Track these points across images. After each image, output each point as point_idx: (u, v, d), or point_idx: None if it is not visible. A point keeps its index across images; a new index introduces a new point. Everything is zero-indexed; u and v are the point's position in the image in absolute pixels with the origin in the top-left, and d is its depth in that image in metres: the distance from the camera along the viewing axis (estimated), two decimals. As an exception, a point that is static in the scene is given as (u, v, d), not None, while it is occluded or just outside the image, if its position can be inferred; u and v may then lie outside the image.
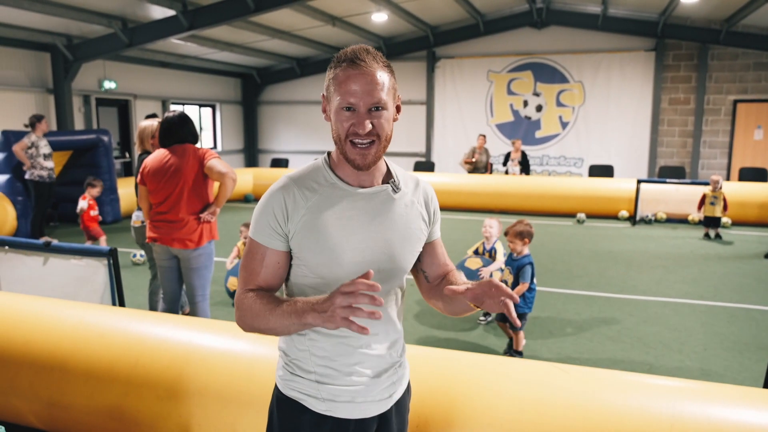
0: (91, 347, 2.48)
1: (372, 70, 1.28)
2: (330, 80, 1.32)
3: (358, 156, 1.30)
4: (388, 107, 1.31)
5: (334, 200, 1.35)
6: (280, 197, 1.34)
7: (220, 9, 8.77)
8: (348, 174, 1.37)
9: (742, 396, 1.91)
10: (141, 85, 12.14)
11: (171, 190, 3.40)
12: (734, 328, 4.39)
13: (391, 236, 1.37)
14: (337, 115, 1.31)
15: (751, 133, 11.79)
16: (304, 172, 1.39)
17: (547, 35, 12.70)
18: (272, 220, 1.34)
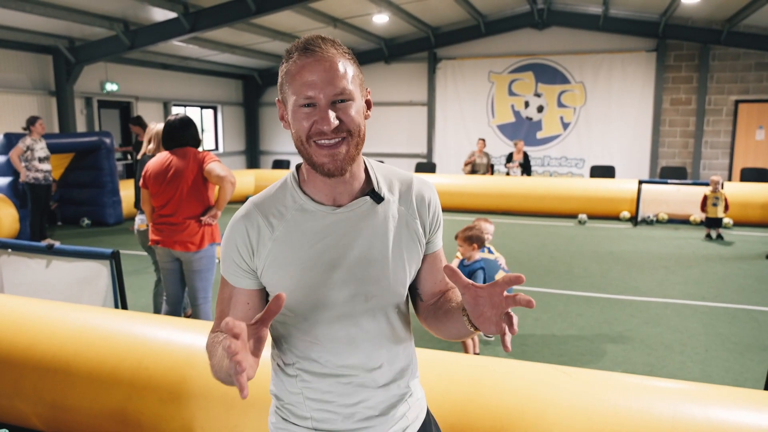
0: (94, 350, 2.49)
1: (330, 55, 1.08)
2: (282, 78, 1.12)
3: (327, 158, 1.08)
4: (356, 98, 1.09)
5: (305, 226, 1.14)
6: (242, 229, 1.15)
7: (222, 11, 8.80)
8: (320, 190, 1.15)
9: (744, 398, 1.92)
10: (143, 87, 12.17)
11: (172, 194, 3.41)
12: (736, 329, 4.39)
13: (377, 258, 1.16)
14: (294, 116, 1.09)
15: (752, 134, 11.79)
16: (269, 195, 1.19)
17: (548, 36, 12.70)
18: (236, 255, 1.15)
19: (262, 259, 1.14)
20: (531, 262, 6.55)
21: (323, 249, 1.14)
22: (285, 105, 1.14)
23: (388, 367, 1.21)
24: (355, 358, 1.18)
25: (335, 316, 1.16)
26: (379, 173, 1.22)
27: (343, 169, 1.10)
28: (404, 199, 1.21)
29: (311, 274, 1.13)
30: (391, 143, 14.25)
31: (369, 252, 1.15)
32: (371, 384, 1.19)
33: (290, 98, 1.10)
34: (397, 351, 1.22)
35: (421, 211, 1.22)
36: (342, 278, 1.14)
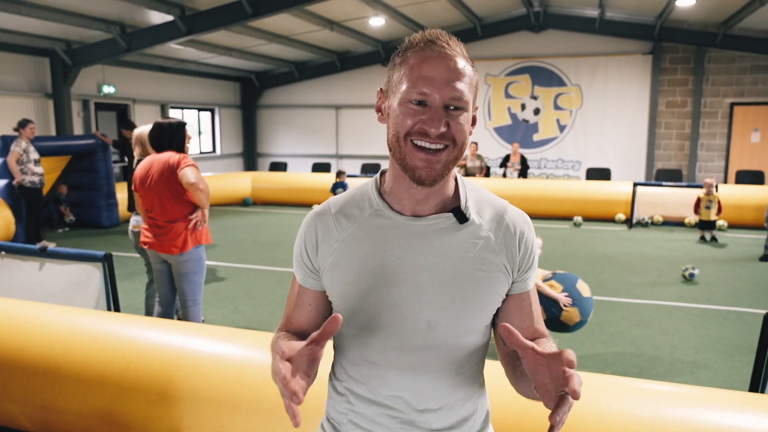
0: (83, 351, 2.51)
1: (455, 55, 0.98)
2: (395, 67, 1.02)
3: (423, 163, 0.98)
4: (469, 108, 1.00)
5: (375, 232, 1.05)
6: (312, 226, 1.10)
7: (218, 14, 8.82)
8: (401, 198, 1.05)
9: (730, 400, 1.94)
10: (140, 89, 12.19)
11: (154, 197, 3.45)
12: (726, 331, 4.41)
13: (447, 283, 1.03)
14: (399, 109, 0.99)
15: (748, 136, 11.83)
16: (348, 196, 1.12)
17: (544, 39, 12.74)
18: (303, 252, 1.11)
19: (324, 258, 1.08)
20: (525, 264, 6.56)
21: (389, 258, 1.03)
22: (387, 97, 1.04)
23: (445, 412, 1.07)
24: (406, 391, 1.06)
25: (392, 339, 1.05)
26: (470, 192, 1.09)
27: (436, 180, 1.00)
28: (493, 227, 1.07)
29: (371, 284, 1.03)
30: (388, 145, 14.25)
31: (441, 273, 1.03)
32: (423, 425, 1.07)
33: (399, 89, 0.99)
34: (460, 396, 1.08)
35: (510, 244, 1.06)
36: (404, 295, 1.03)
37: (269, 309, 4.97)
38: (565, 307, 3.51)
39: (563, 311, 3.53)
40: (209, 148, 14.82)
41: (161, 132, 3.44)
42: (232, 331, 2.52)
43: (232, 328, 2.59)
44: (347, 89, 14.56)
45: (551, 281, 3.64)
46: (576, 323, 3.56)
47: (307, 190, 11.58)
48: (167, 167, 3.40)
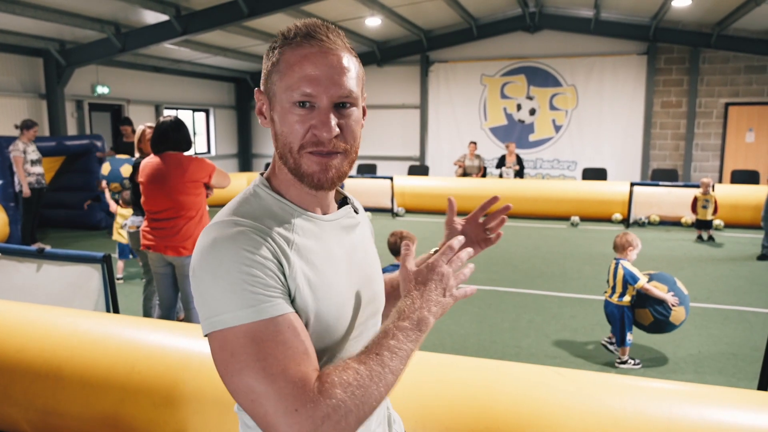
0: (86, 354, 2.47)
1: (338, 48, 0.92)
2: (272, 66, 0.94)
3: (318, 167, 0.92)
4: (358, 104, 0.95)
5: (314, 238, 0.96)
6: (258, 242, 0.87)
7: (214, 14, 8.77)
8: (305, 200, 0.99)
9: (738, 398, 1.93)
10: (134, 90, 12.11)
11: (162, 198, 3.39)
12: (728, 330, 4.42)
13: (375, 269, 1.10)
14: (285, 115, 0.92)
15: (742, 136, 11.89)
16: (253, 208, 0.95)
17: (540, 39, 12.76)
18: (269, 273, 0.86)
19: (292, 278, 0.90)
20: (524, 264, 6.56)
21: (334, 258, 0.98)
22: (269, 99, 0.96)
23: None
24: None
25: (356, 336, 1.02)
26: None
27: (333, 184, 0.96)
28: (360, 210, 1.14)
29: (339, 288, 0.97)
30: (384, 146, 14.25)
31: (370, 264, 1.09)
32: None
33: (281, 92, 0.92)
34: None
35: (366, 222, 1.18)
36: (360, 287, 1.03)
37: (269, 310, 4.92)
38: (673, 306, 3.58)
39: (672, 311, 3.58)
40: (204, 149, 14.74)
41: (161, 133, 3.39)
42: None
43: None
44: (342, 90, 14.49)
45: (653, 282, 3.67)
46: (681, 322, 3.63)
47: (303, 191, 11.53)
48: (182, 169, 3.35)
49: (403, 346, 0.88)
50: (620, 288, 3.79)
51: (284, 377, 0.81)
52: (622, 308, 3.78)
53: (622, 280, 3.77)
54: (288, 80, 0.91)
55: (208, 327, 0.86)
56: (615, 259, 3.95)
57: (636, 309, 3.76)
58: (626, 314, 3.75)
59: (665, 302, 3.61)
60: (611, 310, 3.84)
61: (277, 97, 0.94)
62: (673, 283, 3.70)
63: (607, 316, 3.90)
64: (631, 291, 3.73)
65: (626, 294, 3.76)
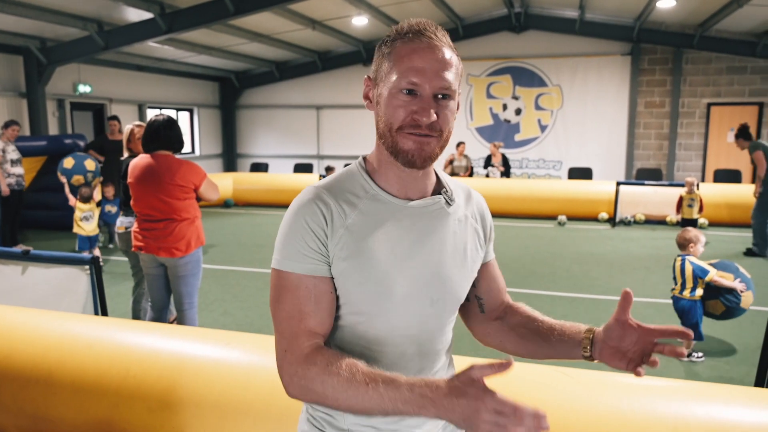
0: (78, 358, 2.40)
1: (443, 45, 1.03)
2: (384, 56, 1.05)
3: (415, 145, 1.02)
4: (455, 96, 1.05)
5: (378, 216, 1.06)
6: (314, 209, 1.04)
7: (200, 12, 8.67)
8: (392, 183, 1.09)
9: (743, 396, 1.92)
10: (117, 89, 11.93)
11: (153, 198, 3.32)
12: (718, 328, 4.45)
13: (444, 259, 1.10)
14: (390, 99, 1.02)
15: (724, 136, 12.06)
16: (336, 181, 1.10)
17: (525, 39, 12.82)
18: (311, 238, 1.03)
19: (335, 245, 1.03)
20: (514, 263, 6.57)
21: (396, 242, 1.06)
22: (376, 85, 1.07)
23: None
24: (405, 368, 1.09)
25: (398, 317, 1.07)
26: (447, 179, 1.20)
27: (426, 163, 1.05)
28: (467, 206, 1.19)
29: (383, 268, 1.05)
30: (370, 146, 14.12)
31: (439, 253, 1.10)
32: None
33: (389, 79, 1.03)
34: (446, 365, 1.19)
35: (481, 219, 1.21)
36: (412, 274, 1.07)
37: (259, 311, 4.87)
38: (742, 292, 3.72)
39: (741, 297, 3.72)
40: (188, 149, 14.57)
41: (152, 131, 3.32)
42: (235, 335, 2.44)
43: (236, 332, 2.50)
44: (328, 89, 14.46)
45: (719, 272, 3.81)
46: (749, 305, 3.81)
47: (289, 191, 11.44)
48: (173, 173, 3.29)
49: (394, 406, 0.91)
50: (691, 283, 3.90)
51: (287, 324, 1.02)
52: (695, 302, 3.89)
53: (692, 275, 3.88)
54: (398, 69, 1.02)
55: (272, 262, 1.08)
56: (680, 256, 4.04)
57: (706, 301, 3.90)
58: (699, 308, 3.88)
59: (734, 290, 3.73)
60: (682, 305, 3.93)
61: (386, 83, 1.04)
62: (736, 270, 3.85)
63: (679, 312, 3.98)
64: (701, 284, 3.85)
65: (697, 288, 3.87)
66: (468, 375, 0.89)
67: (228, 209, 11.38)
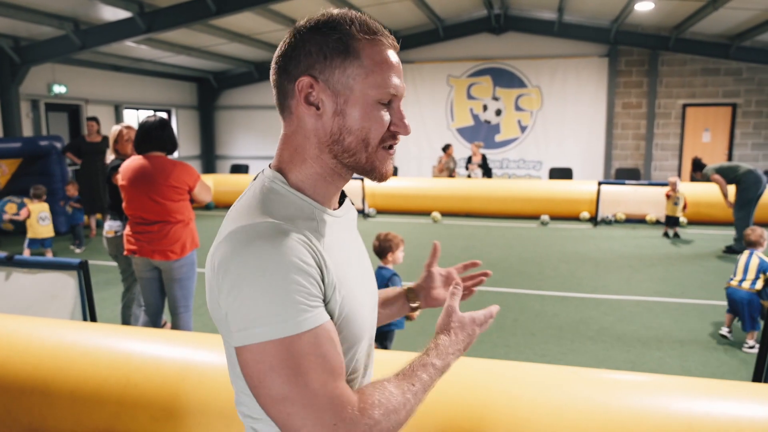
0: (75, 367, 2.32)
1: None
2: (345, 58, 0.89)
3: (389, 165, 0.95)
4: None
5: (334, 235, 0.95)
6: (300, 248, 0.83)
7: (180, 11, 8.52)
8: (328, 197, 0.96)
9: (747, 391, 1.95)
10: (93, 89, 11.67)
11: (146, 201, 3.25)
12: (706, 325, 4.54)
13: (367, 263, 1.08)
14: (369, 111, 0.89)
15: (699, 136, 12.32)
16: (281, 206, 0.90)
17: (505, 41, 12.93)
18: (309, 281, 0.82)
19: (328, 281, 0.87)
20: (502, 263, 6.61)
21: (350, 256, 0.98)
22: (338, 90, 0.89)
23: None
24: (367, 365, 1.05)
25: (365, 323, 0.98)
26: None
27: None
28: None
29: (360, 286, 0.98)
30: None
31: (365, 259, 1.08)
32: None
33: (365, 87, 0.89)
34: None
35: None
36: (365, 285, 1.01)
37: (249, 315, 4.79)
38: None
39: None
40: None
41: (144, 133, 3.24)
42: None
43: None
44: (308, 90, 14.35)
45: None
46: None
47: (271, 193, 11.35)
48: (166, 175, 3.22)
49: (430, 382, 0.95)
50: (753, 275, 4.13)
51: (324, 392, 0.80)
52: (753, 294, 4.07)
53: (756, 268, 4.14)
54: (376, 77, 0.89)
55: (244, 338, 0.81)
56: (749, 250, 4.32)
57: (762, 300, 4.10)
58: (757, 300, 4.05)
59: None
60: (741, 296, 4.11)
61: (358, 92, 0.89)
62: None
63: (736, 303, 4.16)
64: (763, 278, 4.07)
65: (758, 281, 4.08)
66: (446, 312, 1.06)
67: (209, 211, 11.22)
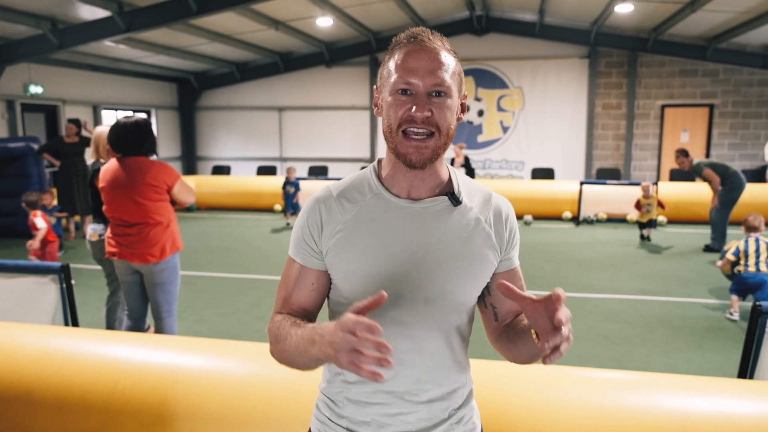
0: (59, 374, 2.26)
1: (436, 47, 1.09)
2: (385, 63, 1.13)
3: (413, 149, 1.07)
4: (452, 95, 1.09)
5: (377, 213, 1.13)
6: (315, 209, 1.16)
7: (160, 11, 8.40)
8: (398, 183, 1.14)
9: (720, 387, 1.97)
10: (70, 89, 11.47)
11: (126, 203, 3.18)
12: (689, 322, 4.60)
13: (443, 260, 1.11)
14: (389, 102, 1.09)
15: (678, 136, 12.52)
16: (348, 181, 1.19)
17: (487, 42, 13.00)
18: (306, 234, 1.16)
19: (328, 238, 1.14)
20: (486, 263, 6.62)
21: (391, 239, 1.12)
22: (381, 91, 1.14)
23: (436, 386, 1.16)
24: (402, 365, 1.13)
25: (391, 313, 1.11)
26: (461, 179, 1.21)
27: (426, 164, 1.10)
28: (482, 210, 1.18)
29: (374, 262, 1.11)
30: (334, 148, 14.13)
31: (438, 251, 1.12)
32: (413, 398, 1.15)
33: (388, 83, 1.10)
34: (450, 371, 1.18)
35: (498, 225, 1.19)
36: (405, 271, 1.11)
37: (235, 318, 4.74)
38: None
39: None
40: (146, 152, 14.15)
41: (124, 133, 3.17)
42: (229, 344, 2.35)
43: (229, 341, 2.41)
44: (290, 91, 14.30)
45: None
46: None
47: (254, 194, 11.27)
48: (145, 175, 3.15)
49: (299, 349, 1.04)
50: (765, 254, 4.55)
51: (280, 288, 1.22)
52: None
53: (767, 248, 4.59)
54: (395, 73, 1.09)
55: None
56: (754, 237, 4.68)
57: None
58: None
59: None
60: (762, 278, 4.47)
61: (386, 88, 1.11)
62: None
63: (756, 286, 4.48)
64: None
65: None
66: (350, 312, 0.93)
67: (191, 213, 11.09)
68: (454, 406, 1.19)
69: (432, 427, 1.16)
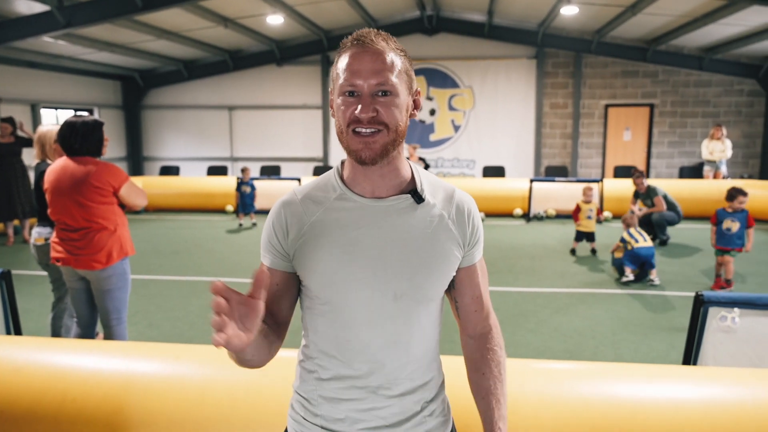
0: (4, 385, 2.16)
1: (381, 48, 1.11)
2: (335, 66, 1.16)
3: (362, 146, 1.10)
4: (399, 93, 1.11)
5: (341, 213, 1.16)
6: (281, 212, 1.19)
7: (103, 6, 8.11)
8: (360, 183, 1.17)
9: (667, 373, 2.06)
10: (6, 87, 10.91)
11: (70, 206, 3.05)
12: (635, 313, 4.79)
13: (409, 256, 1.15)
14: (339, 102, 1.12)
15: (620, 135, 13.00)
16: (313, 184, 1.23)
17: (437, 42, 13.14)
18: (272, 237, 1.19)
19: (295, 240, 1.16)
20: (441, 260, 6.70)
21: (357, 237, 1.14)
22: (333, 94, 1.16)
23: (407, 379, 1.20)
24: (374, 362, 1.17)
25: (360, 309, 1.15)
26: (424, 177, 1.23)
27: (376, 159, 1.11)
28: (445, 206, 1.21)
29: (341, 261, 1.14)
30: (286, 147, 13.99)
31: (403, 247, 1.15)
32: (386, 392, 1.18)
33: (337, 86, 1.13)
34: (421, 364, 1.22)
35: (461, 220, 1.22)
36: (373, 269, 1.13)
37: (188, 321, 4.63)
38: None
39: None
40: (89, 152, 13.62)
41: (73, 132, 3.05)
42: (184, 348, 2.29)
43: (184, 345, 2.35)
44: (240, 89, 14.06)
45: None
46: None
47: (204, 195, 11.02)
48: (89, 177, 3.03)
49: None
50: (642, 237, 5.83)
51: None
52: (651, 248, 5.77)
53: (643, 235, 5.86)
54: (341, 75, 1.12)
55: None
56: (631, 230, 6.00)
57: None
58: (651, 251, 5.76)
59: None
60: (650, 249, 5.71)
61: (336, 90, 1.14)
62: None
63: (647, 256, 5.67)
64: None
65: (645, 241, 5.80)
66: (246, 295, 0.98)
67: (139, 215, 10.75)
68: (426, 398, 1.22)
69: (405, 420, 1.20)
